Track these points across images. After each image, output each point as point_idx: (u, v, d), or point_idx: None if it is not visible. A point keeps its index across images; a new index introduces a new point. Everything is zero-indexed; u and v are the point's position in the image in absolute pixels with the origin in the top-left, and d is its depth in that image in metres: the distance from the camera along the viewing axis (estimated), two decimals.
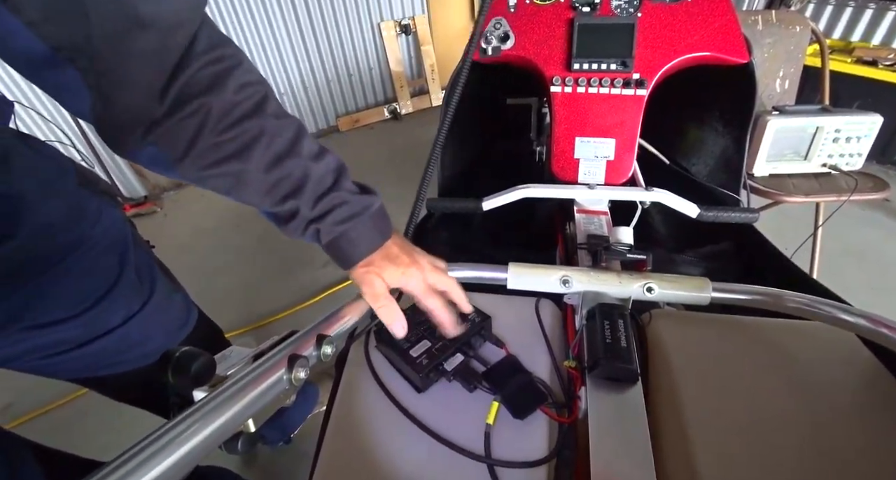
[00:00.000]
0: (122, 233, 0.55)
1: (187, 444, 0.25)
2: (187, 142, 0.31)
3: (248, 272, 1.71)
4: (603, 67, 0.71)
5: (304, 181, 0.37)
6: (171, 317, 0.63)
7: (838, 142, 1.03)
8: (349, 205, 0.40)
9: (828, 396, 0.42)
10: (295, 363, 0.30)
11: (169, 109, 0.29)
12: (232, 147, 0.33)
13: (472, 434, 0.41)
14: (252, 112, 0.33)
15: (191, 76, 0.29)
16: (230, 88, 0.32)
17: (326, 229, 0.39)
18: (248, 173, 0.34)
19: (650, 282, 0.48)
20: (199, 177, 0.34)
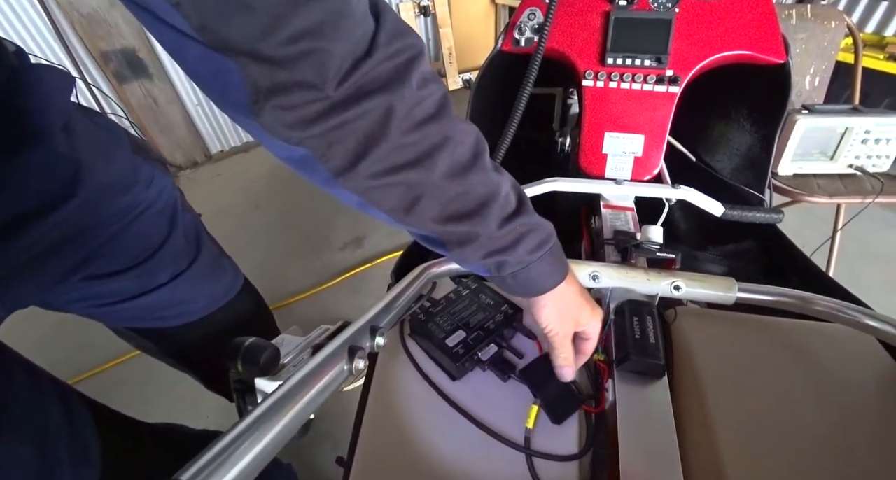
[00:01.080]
0: (172, 197, 0.59)
1: (267, 436, 0.26)
2: (364, 142, 0.27)
3: (268, 252, 1.75)
4: (637, 63, 0.71)
5: (490, 199, 0.32)
6: (216, 280, 0.67)
7: (867, 143, 1.02)
8: (538, 231, 0.35)
9: (847, 397, 0.43)
10: (355, 354, 0.32)
11: (344, 100, 0.26)
12: (413, 152, 0.29)
13: (507, 422, 0.43)
14: (435, 113, 0.30)
15: (372, 68, 0.26)
16: (413, 84, 0.28)
17: (514, 260, 0.35)
18: (428, 184, 0.30)
19: (677, 281, 0.50)
20: (368, 188, 0.29)
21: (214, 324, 0.67)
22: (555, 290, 0.39)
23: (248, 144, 2.62)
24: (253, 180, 2.26)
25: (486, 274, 0.37)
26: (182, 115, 2.34)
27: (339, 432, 1.12)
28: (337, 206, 1.97)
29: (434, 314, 0.50)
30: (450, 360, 0.46)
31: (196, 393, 1.23)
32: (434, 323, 0.49)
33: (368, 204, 0.31)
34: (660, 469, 0.37)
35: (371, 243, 1.74)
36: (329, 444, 1.10)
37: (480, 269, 0.37)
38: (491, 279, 0.38)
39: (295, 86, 0.25)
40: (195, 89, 2.32)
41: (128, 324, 0.62)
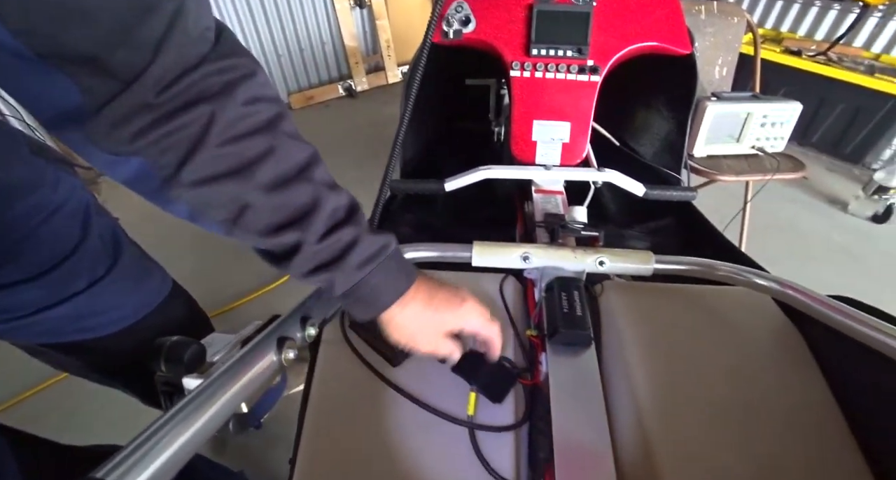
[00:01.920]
0: (84, 199, 0.55)
1: (189, 431, 0.26)
2: (185, 151, 0.28)
3: (205, 258, 1.65)
4: (560, 53, 0.74)
5: (313, 208, 0.32)
6: (141, 285, 0.63)
7: (765, 126, 1.13)
8: (365, 243, 0.34)
9: (747, 349, 0.49)
10: (284, 344, 0.32)
11: (170, 111, 0.27)
12: (234, 161, 0.29)
13: (448, 401, 0.45)
14: (263, 128, 0.30)
15: (200, 79, 0.27)
16: (239, 99, 0.29)
17: (342, 276, 0.34)
18: (248, 194, 0.30)
19: (602, 257, 0.53)
20: (193, 196, 0.30)
21: (143, 332, 0.63)
22: (398, 305, 0.37)
23: None
24: None
25: (328, 295, 0.36)
26: None
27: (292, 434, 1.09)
28: None
29: None
30: (388, 347, 0.46)
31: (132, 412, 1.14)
32: None
33: (198, 214, 0.31)
34: (590, 431, 0.40)
35: None
36: (283, 448, 1.08)
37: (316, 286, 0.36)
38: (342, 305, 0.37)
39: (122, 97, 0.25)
40: None
41: (44, 340, 0.57)
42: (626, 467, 0.39)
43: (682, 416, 0.42)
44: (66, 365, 0.63)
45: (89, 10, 0.22)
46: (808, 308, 0.45)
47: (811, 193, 1.98)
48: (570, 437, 0.40)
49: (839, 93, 1.94)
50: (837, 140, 2.08)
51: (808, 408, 0.43)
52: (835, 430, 0.42)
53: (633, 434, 0.41)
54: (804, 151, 2.20)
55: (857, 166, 2.07)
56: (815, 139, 2.15)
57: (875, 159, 2.03)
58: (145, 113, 0.26)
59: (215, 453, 1.08)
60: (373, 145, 2.30)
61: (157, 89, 0.26)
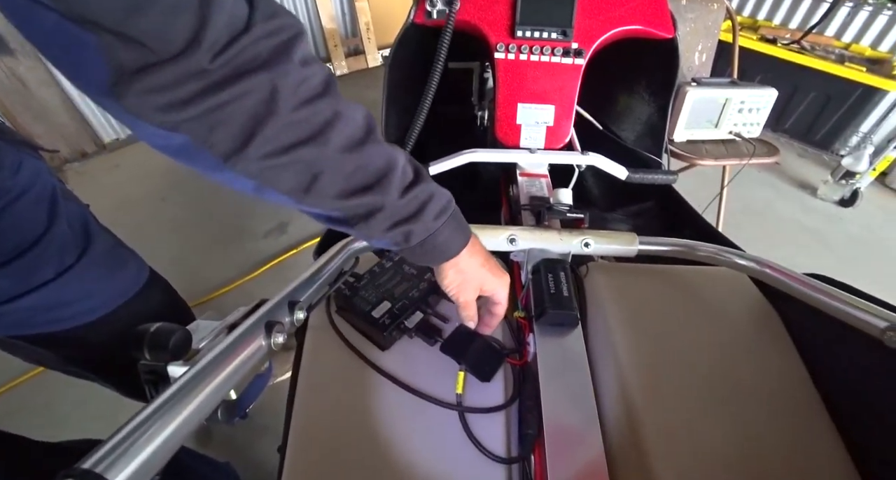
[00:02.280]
0: (49, 184, 0.52)
1: (177, 419, 0.25)
2: (250, 123, 0.26)
3: (181, 247, 1.60)
4: (545, 36, 0.74)
5: (390, 169, 0.32)
6: (115, 273, 0.61)
7: (742, 112, 1.16)
8: (438, 196, 0.36)
9: (726, 326, 0.50)
10: (273, 329, 0.31)
11: (224, 78, 0.25)
12: (306, 129, 0.28)
13: (438, 384, 0.45)
14: (323, 90, 0.29)
15: (250, 44, 0.25)
16: (296, 62, 0.27)
17: (421, 228, 0.35)
18: (325, 160, 0.29)
19: (587, 238, 0.54)
20: (263, 169, 0.28)
21: (120, 322, 0.61)
22: (459, 256, 0.40)
23: None
24: (156, 170, 2.04)
25: (394, 247, 0.37)
26: (61, 99, 2.03)
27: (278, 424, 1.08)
28: None
29: (359, 288, 0.50)
30: (377, 331, 0.46)
31: (112, 407, 1.12)
32: (359, 297, 0.49)
33: (266, 186, 0.30)
34: (578, 409, 0.41)
35: (296, 228, 1.67)
36: (270, 437, 1.07)
37: (388, 243, 0.36)
38: (400, 251, 0.38)
39: (166, 63, 0.23)
40: None
41: (12, 332, 0.54)
42: (613, 441, 0.40)
43: (666, 391, 0.44)
44: (41, 358, 0.61)
45: None
46: (784, 286, 0.47)
47: (783, 178, 2.04)
48: (559, 414, 0.40)
49: (811, 80, 1.99)
50: (809, 127, 2.14)
51: (783, 381, 0.45)
52: (807, 400, 0.44)
53: (619, 410, 0.42)
54: (777, 137, 2.26)
55: (827, 152, 2.15)
56: (788, 125, 2.21)
57: (843, 146, 2.10)
58: (193, 81, 0.24)
59: (200, 444, 1.06)
60: None
61: (210, 56, 0.24)
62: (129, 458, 0.22)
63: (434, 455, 0.40)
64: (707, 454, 0.39)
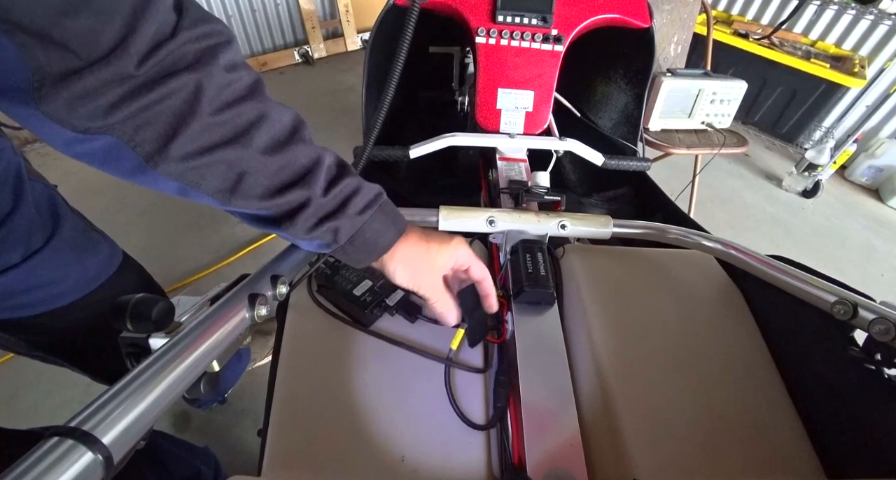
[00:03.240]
0: (13, 163, 0.50)
1: (158, 388, 0.25)
2: (173, 123, 0.26)
3: (152, 232, 1.56)
4: (525, 21, 0.74)
5: (314, 166, 0.33)
6: (85, 257, 0.59)
7: (714, 103, 1.20)
8: (364, 190, 0.36)
9: (693, 304, 0.53)
10: (256, 300, 0.32)
11: (148, 81, 0.25)
12: (229, 130, 0.29)
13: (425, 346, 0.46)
14: (248, 94, 0.30)
15: (176, 48, 0.26)
16: (221, 66, 0.28)
17: (347, 223, 0.35)
18: (248, 160, 0.30)
19: (564, 220, 0.56)
20: (186, 170, 0.28)
21: (90, 308, 0.59)
22: (396, 249, 0.39)
23: None
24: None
25: (326, 249, 0.37)
26: None
27: (258, 407, 1.09)
28: None
29: (339, 268, 0.50)
30: (358, 309, 0.47)
31: (80, 394, 1.10)
32: (340, 276, 0.49)
33: (190, 188, 0.30)
34: (554, 383, 0.43)
35: None
36: (249, 421, 1.07)
37: (318, 244, 0.36)
38: (333, 253, 0.38)
39: (91, 68, 0.23)
40: None
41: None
42: (587, 413, 0.42)
43: (637, 366, 0.46)
44: (8, 344, 0.59)
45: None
46: (748, 266, 0.50)
47: (751, 169, 2.13)
48: (535, 388, 0.42)
49: (779, 75, 2.06)
50: (776, 120, 2.23)
51: (743, 352, 0.48)
52: (763, 369, 0.47)
53: (593, 384, 0.45)
54: (746, 129, 2.34)
55: (792, 145, 2.24)
56: (757, 119, 2.29)
57: (807, 139, 2.20)
58: (120, 85, 0.24)
59: (178, 429, 1.05)
60: (330, 113, 2.22)
61: (136, 60, 0.24)
62: (115, 420, 0.22)
63: (418, 423, 0.41)
64: (674, 420, 0.42)
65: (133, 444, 0.24)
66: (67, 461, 0.20)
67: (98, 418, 0.21)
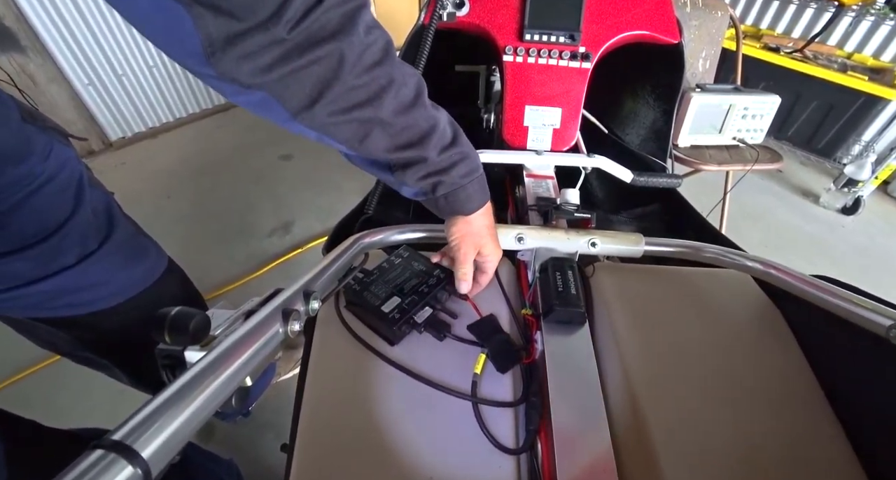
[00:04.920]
0: (77, 171, 0.54)
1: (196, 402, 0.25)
2: (319, 86, 0.30)
3: (185, 244, 1.61)
4: (553, 39, 0.75)
5: (431, 131, 0.38)
6: (134, 261, 0.62)
7: (746, 118, 1.17)
8: (470, 160, 0.42)
9: (731, 326, 0.51)
10: (289, 316, 0.32)
11: (299, 46, 0.28)
12: (364, 93, 0.32)
13: (448, 377, 0.45)
14: (381, 58, 0.33)
15: (322, 14, 0.28)
16: (360, 30, 0.31)
17: (449, 181, 0.41)
18: (378, 121, 0.34)
19: (594, 238, 0.55)
20: (325, 124, 0.33)
21: (137, 310, 0.61)
22: (474, 215, 0.46)
23: (155, 130, 2.36)
24: (162, 168, 2.06)
25: (421, 196, 0.43)
26: (69, 96, 2.05)
27: (281, 421, 1.09)
28: (260, 192, 1.86)
29: (368, 283, 0.51)
30: (386, 326, 0.46)
31: (112, 399, 1.13)
32: (369, 292, 0.49)
33: (325, 136, 0.35)
34: (585, 405, 0.41)
35: (301, 228, 1.67)
36: (272, 434, 1.07)
37: (417, 191, 0.42)
38: (425, 201, 0.44)
39: (251, 33, 0.27)
40: (85, 66, 2.03)
41: (33, 314, 0.55)
42: (620, 437, 0.41)
43: (672, 390, 0.44)
44: (57, 341, 0.62)
45: None
46: (789, 286, 0.47)
47: (785, 186, 2.05)
48: (566, 410, 0.41)
49: (814, 89, 2.00)
50: (811, 135, 2.15)
51: (787, 379, 0.46)
52: (811, 398, 0.44)
53: (626, 407, 0.43)
54: (780, 145, 2.27)
55: (829, 160, 2.15)
56: (791, 133, 2.22)
57: (845, 154, 2.11)
58: (275, 49, 0.28)
59: (202, 440, 1.06)
60: None
61: (288, 27, 0.27)
62: (155, 434, 0.22)
63: (445, 446, 0.40)
64: (712, 451, 0.40)
65: (170, 459, 0.24)
66: (109, 474, 0.21)
67: (139, 433, 0.22)
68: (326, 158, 2.02)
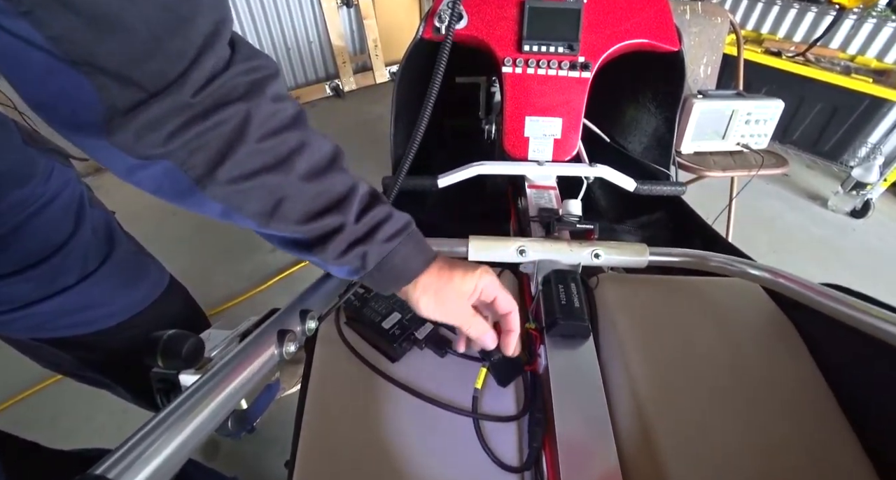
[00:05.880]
0: (77, 191, 0.54)
1: (188, 427, 0.25)
2: (223, 148, 0.28)
3: (191, 259, 1.62)
4: (551, 50, 0.75)
5: (350, 194, 0.35)
6: (136, 280, 0.61)
7: (749, 123, 1.16)
8: (394, 219, 0.37)
9: (740, 336, 0.50)
10: (284, 337, 0.31)
11: (204, 110, 0.27)
12: (272, 156, 0.31)
13: (450, 393, 0.44)
14: (291, 123, 0.32)
15: (229, 79, 0.28)
16: (268, 96, 0.30)
17: (375, 249, 0.36)
18: (288, 186, 0.32)
19: (597, 249, 0.54)
20: (230, 193, 0.30)
21: (139, 328, 0.61)
22: (423, 277, 0.39)
23: None
24: None
25: (353, 275, 0.38)
26: None
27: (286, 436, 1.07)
28: None
29: (368, 300, 0.50)
30: (387, 342, 0.46)
31: (116, 421, 1.12)
32: (369, 308, 0.49)
33: (233, 210, 0.31)
34: (591, 420, 0.40)
35: None
36: (277, 449, 1.06)
37: (347, 269, 0.37)
38: (362, 279, 0.38)
39: (157, 100, 0.25)
40: None
41: (36, 335, 0.55)
42: (627, 453, 0.40)
43: (680, 403, 0.43)
44: (60, 361, 0.61)
45: (127, 21, 0.23)
46: (800, 296, 0.46)
47: (792, 190, 2.03)
48: (572, 426, 0.40)
49: (818, 92, 1.99)
50: (816, 138, 2.13)
51: (801, 392, 0.44)
52: (827, 412, 0.43)
53: (632, 422, 0.42)
54: (785, 149, 2.25)
55: (836, 163, 2.13)
56: (796, 137, 2.20)
57: (852, 156, 2.09)
58: (180, 114, 0.26)
59: (207, 457, 1.05)
60: (361, 145, 2.29)
61: (192, 91, 0.26)
62: (141, 465, 0.22)
63: (446, 463, 0.39)
64: (724, 466, 0.38)
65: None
66: None
67: (122, 466, 0.21)
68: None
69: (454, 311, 0.40)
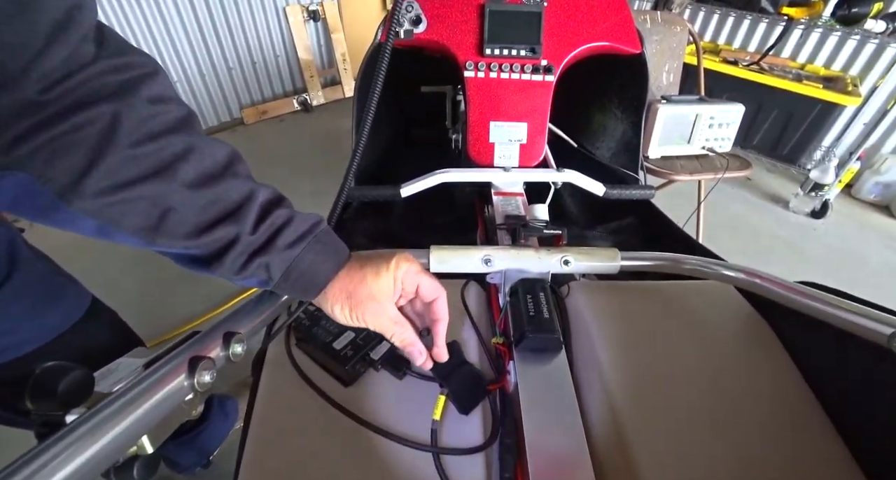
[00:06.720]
0: None
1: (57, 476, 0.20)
2: (89, 155, 0.24)
3: (145, 281, 1.52)
4: (514, 53, 0.73)
5: (246, 201, 0.31)
6: (48, 304, 0.55)
7: (713, 127, 1.18)
8: (296, 222, 0.33)
9: (717, 340, 0.47)
10: (198, 365, 0.26)
11: (60, 111, 0.23)
12: (151, 163, 0.26)
13: (409, 421, 0.40)
14: (176, 127, 0.28)
15: (93, 77, 0.24)
16: (143, 97, 0.26)
17: (277, 258, 0.32)
18: (173, 196, 0.27)
19: (567, 256, 0.51)
20: (102, 207, 0.26)
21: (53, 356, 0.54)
22: (335, 282, 0.35)
23: None
24: None
25: (263, 286, 0.34)
26: None
27: None
28: None
29: (320, 317, 0.45)
30: (339, 364, 0.41)
31: None
32: (320, 327, 0.44)
33: (110, 226, 0.27)
34: (565, 438, 0.37)
35: None
36: None
37: (255, 281, 0.33)
38: (276, 290, 0.34)
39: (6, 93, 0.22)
40: None
41: None
42: (604, 470, 0.36)
43: (659, 414, 0.40)
44: None
45: None
46: (776, 295, 0.44)
47: (755, 193, 2.09)
48: (544, 445, 0.36)
49: (774, 99, 2.06)
50: (775, 142, 2.21)
51: (781, 396, 0.42)
52: (810, 416, 0.40)
53: (608, 437, 0.38)
54: (746, 153, 2.32)
55: (794, 166, 2.21)
56: (756, 142, 2.28)
57: (809, 160, 2.17)
58: (26, 115, 0.23)
59: None
60: (328, 158, 2.24)
61: (40, 87, 0.23)
62: None
63: None
64: (707, 475, 0.35)
65: None
66: None
67: None
68: (295, 187, 1.97)
69: (372, 316, 0.36)
